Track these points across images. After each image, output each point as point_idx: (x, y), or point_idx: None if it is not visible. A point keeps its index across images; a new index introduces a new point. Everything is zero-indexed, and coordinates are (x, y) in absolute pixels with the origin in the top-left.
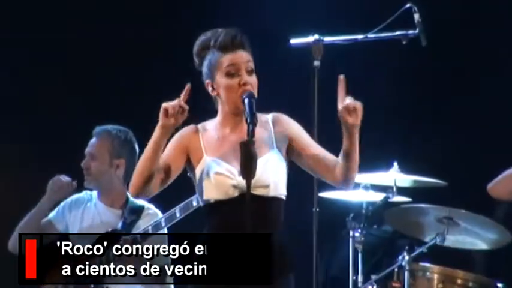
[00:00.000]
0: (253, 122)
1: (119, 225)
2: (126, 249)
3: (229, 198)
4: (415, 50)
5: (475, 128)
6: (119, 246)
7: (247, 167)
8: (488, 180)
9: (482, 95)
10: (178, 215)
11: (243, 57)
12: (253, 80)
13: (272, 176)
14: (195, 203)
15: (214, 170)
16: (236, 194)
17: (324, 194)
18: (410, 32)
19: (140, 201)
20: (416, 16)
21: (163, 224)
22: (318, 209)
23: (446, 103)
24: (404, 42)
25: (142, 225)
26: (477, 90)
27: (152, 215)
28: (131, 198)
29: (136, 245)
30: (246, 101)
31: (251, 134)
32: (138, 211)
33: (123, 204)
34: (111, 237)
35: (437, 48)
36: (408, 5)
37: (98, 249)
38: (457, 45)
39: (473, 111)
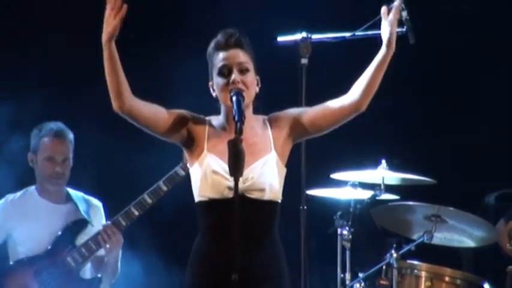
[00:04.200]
0: (240, 120)
1: (84, 214)
2: (113, 233)
3: (223, 198)
4: (404, 48)
5: (463, 126)
6: (105, 232)
7: (235, 164)
8: (476, 178)
9: (471, 95)
10: (164, 188)
11: (237, 56)
12: (246, 78)
13: (268, 179)
14: (182, 172)
15: (211, 168)
16: (231, 195)
17: (312, 192)
18: (398, 29)
19: (76, 192)
20: (404, 14)
21: (148, 200)
22: (305, 207)
23: (435, 101)
24: None
25: (92, 213)
26: (466, 90)
27: (95, 205)
28: (70, 191)
29: (120, 228)
30: (234, 98)
31: (238, 131)
32: (83, 200)
33: (65, 198)
34: (80, 225)
35: (427, 47)
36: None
37: (70, 240)
38: (447, 45)
39: (462, 110)
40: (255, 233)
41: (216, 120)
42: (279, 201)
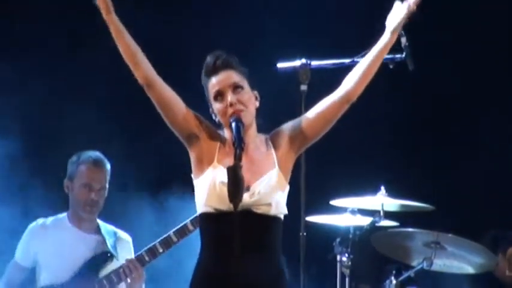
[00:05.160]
0: (240, 147)
1: (110, 248)
2: (135, 268)
3: (230, 211)
4: (402, 76)
5: (462, 153)
6: (127, 267)
7: (235, 191)
8: (475, 205)
9: (469, 121)
10: (175, 239)
11: (229, 77)
12: (242, 97)
13: (274, 194)
14: (191, 227)
15: (220, 179)
16: (237, 208)
17: (311, 218)
18: (397, 56)
19: (106, 225)
20: (403, 40)
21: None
22: (305, 233)
23: (433, 128)
24: (391, 67)
25: (119, 247)
26: (465, 116)
27: (123, 239)
28: (100, 222)
29: (143, 264)
30: (233, 125)
31: (238, 158)
32: (113, 234)
33: (97, 228)
34: (105, 257)
35: (424, 75)
36: None
37: (93, 271)
38: (443, 72)
39: (460, 137)
40: (259, 248)
41: (224, 134)
42: (282, 217)
